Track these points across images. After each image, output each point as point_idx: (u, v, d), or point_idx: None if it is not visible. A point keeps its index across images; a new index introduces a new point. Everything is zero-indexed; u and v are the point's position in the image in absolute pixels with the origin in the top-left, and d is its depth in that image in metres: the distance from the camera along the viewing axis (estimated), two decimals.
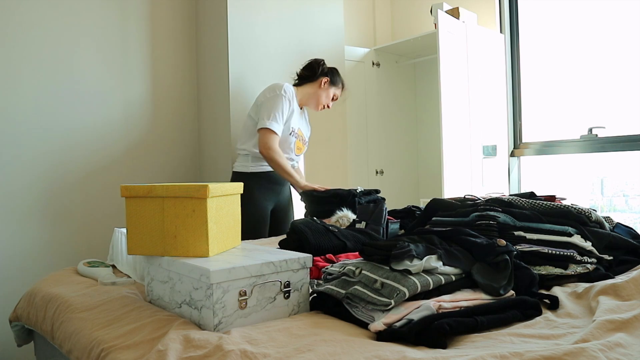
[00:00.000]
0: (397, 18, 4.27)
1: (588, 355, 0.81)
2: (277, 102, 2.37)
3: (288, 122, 2.43)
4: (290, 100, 2.43)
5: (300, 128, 2.55)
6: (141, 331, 1.09)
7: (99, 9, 2.72)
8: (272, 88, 2.44)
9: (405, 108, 4.20)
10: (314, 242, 1.48)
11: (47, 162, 2.56)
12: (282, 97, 2.39)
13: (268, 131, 2.33)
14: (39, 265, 2.49)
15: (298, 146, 2.55)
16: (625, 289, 1.16)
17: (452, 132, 3.14)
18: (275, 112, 2.35)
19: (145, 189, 1.24)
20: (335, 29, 3.26)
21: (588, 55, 3.31)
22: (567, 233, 1.39)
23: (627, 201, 3.34)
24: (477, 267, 1.18)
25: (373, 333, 1.01)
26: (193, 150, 3.09)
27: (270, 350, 0.92)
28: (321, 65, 2.57)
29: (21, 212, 2.49)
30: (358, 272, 1.14)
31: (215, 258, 1.19)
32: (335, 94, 2.60)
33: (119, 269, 1.70)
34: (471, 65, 3.33)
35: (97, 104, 2.72)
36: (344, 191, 2.19)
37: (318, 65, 2.57)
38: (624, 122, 3.10)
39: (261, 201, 2.45)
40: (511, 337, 0.96)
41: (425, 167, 4.19)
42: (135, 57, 2.86)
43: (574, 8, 3.40)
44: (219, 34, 2.84)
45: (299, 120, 2.54)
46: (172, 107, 3.01)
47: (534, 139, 3.58)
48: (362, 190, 2.24)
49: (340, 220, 1.90)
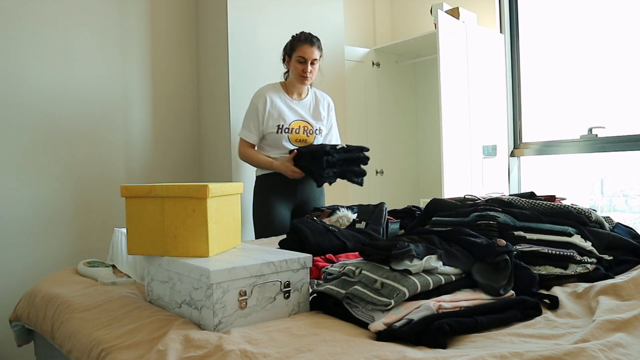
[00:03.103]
0: (397, 18, 4.27)
1: (588, 355, 0.81)
2: (249, 110, 2.48)
3: (266, 122, 2.42)
4: (262, 103, 2.42)
5: (297, 120, 2.48)
6: (141, 331, 1.09)
7: (99, 8, 2.73)
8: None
9: (405, 108, 4.20)
10: (314, 242, 1.48)
11: (47, 162, 2.56)
12: (251, 105, 2.47)
13: (240, 140, 2.51)
14: (39, 265, 2.49)
15: (298, 139, 2.49)
16: (625, 289, 1.15)
17: (452, 132, 3.14)
18: (245, 121, 2.48)
19: (145, 189, 1.24)
20: (335, 29, 3.26)
21: (588, 55, 3.31)
22: (567, 233, 1.39)
23: (627, 201, 3.34)
24: (477, 267, 1.18)
25: (373, 333, 1.01)
26: (193, 150, 3.09)
27: (270, 350, 0.92)
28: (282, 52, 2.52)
29: (21, 212, 2.48)
30: (358, 272, 1.14)
31: (215, 258, 1.19)
32: (299, 57, 2.41)
33: (119, 269, 1.70)
34: (471, 65, 3.32)
35: (97, 104, 2.72)
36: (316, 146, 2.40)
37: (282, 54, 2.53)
38: (624, 122, 3.10)
39: (273, 201, 2.47)
40: (511, 337, 0.96)
41: (425, 167, 4.19)
42: (135, 56, 2.86)
43: (574, 8, 3.39)
44: (219, 34, 2.84)
45: (290, 113, 2.47)
46: (172, 107, 3.01)
47: (534, 139, 3.58)
48: (344, 147, 2.35)
49: (340, 220, 1.90)
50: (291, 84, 2.50)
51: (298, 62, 2.42)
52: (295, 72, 2.43)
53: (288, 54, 2.48)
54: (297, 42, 2.44)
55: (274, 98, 2.45)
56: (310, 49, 2.41)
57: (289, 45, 2.49)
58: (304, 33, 2.45)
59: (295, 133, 2.48)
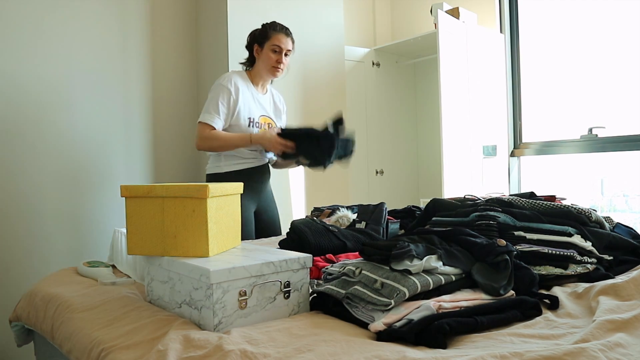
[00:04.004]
0: (397, 18, 4.27)
1: (588, 355, 0.81)
2: (214, 93, 2.17)
3: (238, 111, 2.18)
4: (233, 89, 2.18)
5: (263, 115, 2.30)
6: (141, 331, 1.09)
7: (99, 8, 2.72)
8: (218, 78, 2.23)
9: (405, 108, 4.20)
10: (314, 242, 1.48)
11: (46, 162, 2.56)
12: (219, 87, 2.17)
13: (200, 125, 2.15)
14: (39, 265, 2.49)
15: None
16: (625, 289, 1.15)
17: (452, 132, 3.14)
18: (209, 105, 2.16)
19: (145, 189, 1.24)
20: (335, 29, 3.26)
21: (588, 55, 3.31)
22: (567, 233, 1.39)
23: (627, 201, 3.34)
24: (477, 267, 1.18)
25: (373, 333, 1.01)
26: (193, 150, 3.09)
27: (270, 350, 0.92)
28: (249, 39, 2.32)
29: (21, 211, 2.48)
30: (358, 272, 1.14)
31: (215, 258, 1.19)
32: (274, 45, 2.23)
33: (119, 269, 1.70)
34: (471, 65, 3.33)
35: (97, 104, 2.72)
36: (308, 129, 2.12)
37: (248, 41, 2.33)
38: (624, 122, 3.10)
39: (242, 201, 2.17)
40: (511, 337, 0.96)
41: (425, 167, 4.19)
42: (135, 57, 2.86)
43: (574, 8, 3.39)
44: (219, 34, 2.84)
45: (257, 107, 2.28)
46: (172, 107, 3.01)
47: (534, 139, 3.58)
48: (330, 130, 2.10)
49: (340, 220, 1.89)
50: (257, 74, 2.29)
51: (272, 52, 2.23)
52: (268, 62, 2.24)
53: (258, 42, 2.26)
54: (271, 30, 2.26)
55: (244, 87, 2.23)
56: (286, 39, 2.26)
57: (259, 32, 2.28)
58: (278, 23, 2.29)
59: (262, 129, 2.27)
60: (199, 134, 2.15)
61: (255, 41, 2.28)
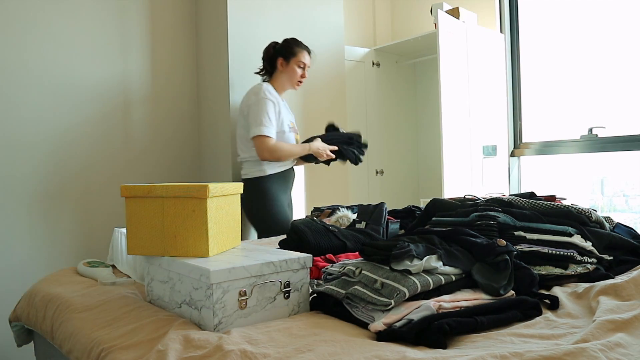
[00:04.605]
0: (397, 18, 4.27)
1: (588, 355, 0.81)
2: (262, 106, 2.37)
3: (282, 122, 2.44)
4: (275, 100, 2.42)
5: (292, 121, 2.57)
6: (141, 331, 1.09)
7: (99, 8, 2.72)
8: (254, 92, 2.44)
9: (405, 108, 4.20)
10: (314, 242, 1.48)
11: (46, 161, 2.56)
12: (265, 101, 2.38)
13: (260, 138, 2.35)
14: (39, 265, 2.49)
15: (297, 139, 2.58)
16: (625, 289, 1.15)
17: (452, 132, 3.14)
18: (259, 118, 2.35)
19: (145, 189, 1.24)
20: (335, 29, 3.26)
21: (588, 55, 3.31)
22: (567, 233, 1.39)
23: (627, 201, 3.34)
24: (477, 267, 1.18)
25: (373, 333, 1.01)
26: (193, 150, 3.09)
27: (270, 350, 0.92)
28: (271, 51, 2.55)
29: (21, 211, 2.48)
30: (358, 272, 1.14)
31: (215, 258, 1.19)
32: (299, 62, 2.52)
33: (119, 269, 1.70)
34: (471, 65, 3.32)
35: (97, 103, 2.72)
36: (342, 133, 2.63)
37: (268, 52, 2.56)
38: (624, 122, 3.10)
39: (282, 200, 2.49)
40: (511, 337, 0.96)
41: (425, 167, 4.19)
42: (135, 56, 2.86)
43: (574, 8, 3.39)
44: (219, 34, 2.84)
45: (289, 114, 2.56)
46: (172, 107, 3.01)
47: (534, 139, 3.58)
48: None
49: (340, 220, 1.89)
50: (281, 86, 2.54)
51: (298, 67, 2.51)
52: (294, 77, 2.52)
53: (284, 56, 2.51)
54: (297, 47, 2.52)
55: (279, 98, 2.49)
56: (308, 57, 2.56)
57: (284, 47, 2.52)
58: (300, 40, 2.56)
59: (296, 133, 2.58)
60: (263, 147, 2.35)
61: (280, 55, 2.52)
